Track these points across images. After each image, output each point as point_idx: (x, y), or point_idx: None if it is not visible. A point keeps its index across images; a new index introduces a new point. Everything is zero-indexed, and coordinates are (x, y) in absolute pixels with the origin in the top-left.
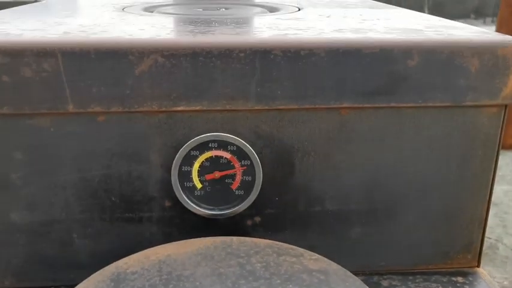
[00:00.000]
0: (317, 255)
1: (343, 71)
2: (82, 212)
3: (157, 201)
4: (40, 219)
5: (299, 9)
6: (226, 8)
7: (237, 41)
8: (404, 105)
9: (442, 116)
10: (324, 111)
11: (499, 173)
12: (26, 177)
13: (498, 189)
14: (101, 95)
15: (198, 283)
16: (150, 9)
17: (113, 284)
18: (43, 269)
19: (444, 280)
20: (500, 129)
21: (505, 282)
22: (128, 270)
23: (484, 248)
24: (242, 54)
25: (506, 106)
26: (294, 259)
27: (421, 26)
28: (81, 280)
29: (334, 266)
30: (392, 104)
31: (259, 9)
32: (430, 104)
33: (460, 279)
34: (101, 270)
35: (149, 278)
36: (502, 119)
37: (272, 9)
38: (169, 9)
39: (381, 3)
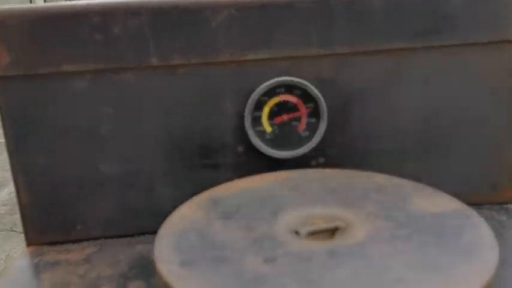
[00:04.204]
0: (384, 174)
1: (395, 14)
2: (165, 161)
3: (231, 147)
4: (126, 169)
5: None
6: None
7: None
8: (451, 43)
9: (485, 53)
10: (378, 53)
11: None
12: (113, 130)
13: None
14: (181, 48)
15: (285, 199)
16: None
17: (211, 203)
18: (128, 217)
19: (496, 208)
20: None
21: None
22: (220, 194)
23: None
24: (304, 4)
25: None
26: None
27: None
28: None
29: (404, 180)
30: (441, 43)
31: None
32: (474, 41)
33: (510, 206)
34: (196, 196)
35: (241, 198)
36: None
37: None
38: None
39: None
